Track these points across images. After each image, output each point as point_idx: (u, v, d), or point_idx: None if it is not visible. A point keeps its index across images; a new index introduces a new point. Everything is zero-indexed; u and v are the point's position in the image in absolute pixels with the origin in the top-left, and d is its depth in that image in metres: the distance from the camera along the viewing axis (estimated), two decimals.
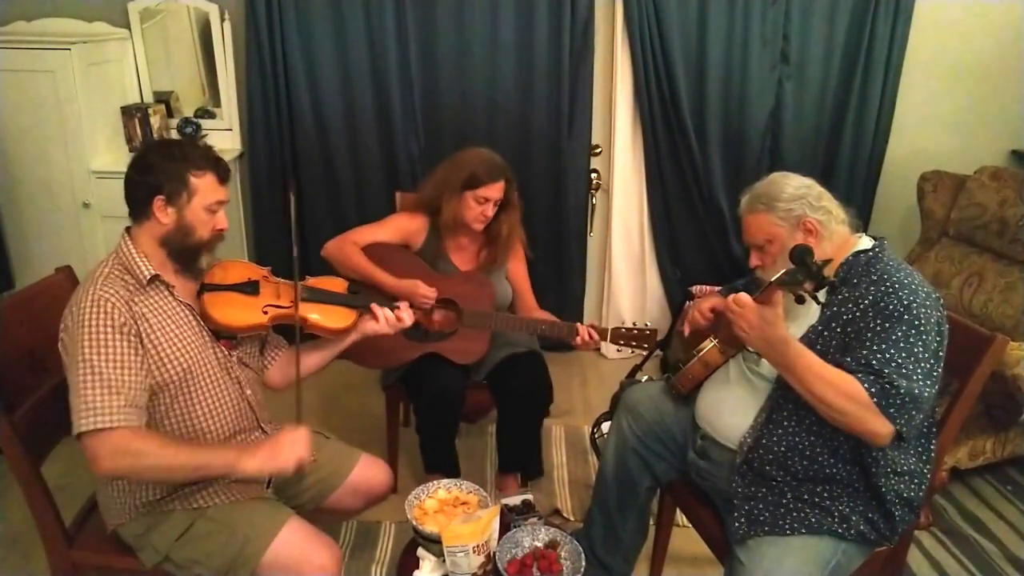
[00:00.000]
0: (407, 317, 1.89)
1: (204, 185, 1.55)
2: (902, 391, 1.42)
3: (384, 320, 1.84)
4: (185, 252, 1.58)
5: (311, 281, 1.83)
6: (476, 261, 2.43)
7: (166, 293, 1.59)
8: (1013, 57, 3.15)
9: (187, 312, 1.61)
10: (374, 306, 1.84)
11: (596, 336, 2.20)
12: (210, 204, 1.57)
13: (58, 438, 1.72)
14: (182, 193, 1.54)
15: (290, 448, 1.52)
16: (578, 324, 2.21)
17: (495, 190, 2.27)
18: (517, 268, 2.48)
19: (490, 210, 2.30)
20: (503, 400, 2.39)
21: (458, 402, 2.30)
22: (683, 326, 2.00)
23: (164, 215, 1.54)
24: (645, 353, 2.24)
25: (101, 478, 1.52)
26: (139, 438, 1.43)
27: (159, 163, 1.53)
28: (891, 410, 1.43)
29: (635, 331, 2.20)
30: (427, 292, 2.21)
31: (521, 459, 2.50)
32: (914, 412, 1.46)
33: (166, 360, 1.53)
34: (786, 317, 1.47)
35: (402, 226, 2.39)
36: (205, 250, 1.61)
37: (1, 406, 1.54)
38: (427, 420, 2.37)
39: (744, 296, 1.43)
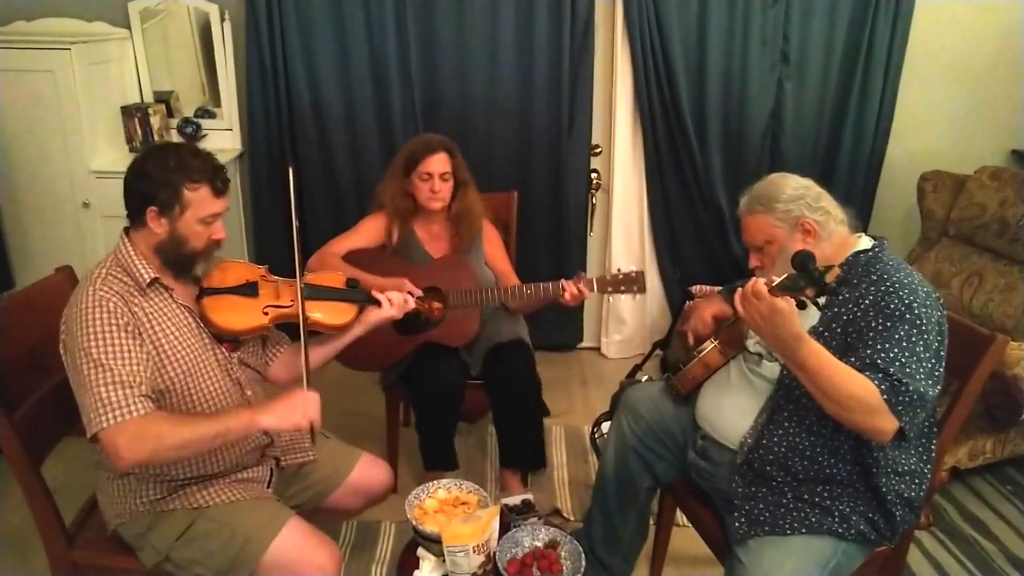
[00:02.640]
0: (411, 301, 1.89)
1: (198, 198, 1.53)
2: (910, 388, 1.42)
3: (387, 302, 1.83)
4: (179, 261, 1.58)
5: (310, 278, 1.82)
6: (450, 247, 2.44)
7: (166, 296, 1.59)
8: (1013, 57, 3.15)
9: (187, 315, 1.61)
10: (375, 292, 1.84)
11: (583, 289, 2.17)
12: (204, 217, 1.55)
13: (58, 438, 1.72)
14: (175, 205, 1.52)
15: (304, 406, 1.53)
16: (563, 280, 2.18)
17: (435, 162, 2.29)
18: (494, 251, 2.49)
19: (437, 185, 2.31)
20: (493, 392, 2.39)
21: (458, 395, 2.31)
22: (683, 326, 2.00)
23: (157, 225, 1.54)
24: (636, 297, 2.20)
25: (125, 470, 1.50)
26: (153, 422, 1.43)
27: (154, 172, 1.52)
28: (899, 407, 1.43)
29: (621, 275, 2.16)
30: (412, 288, 2.14)
31: (520, 453, 2.49)
32: (919, 410, 1.46)
33: (167, 363, 1.54)
34: None
35: (373, 228, 2.41)
36: (200, 259, 1.60)
37: (1, 406, 1.54)
38: (427, 415, 2.37)
39: (761, 287, 1.41)
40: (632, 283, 2.16)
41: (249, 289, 1.70)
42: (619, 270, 2.19)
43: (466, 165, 2.40)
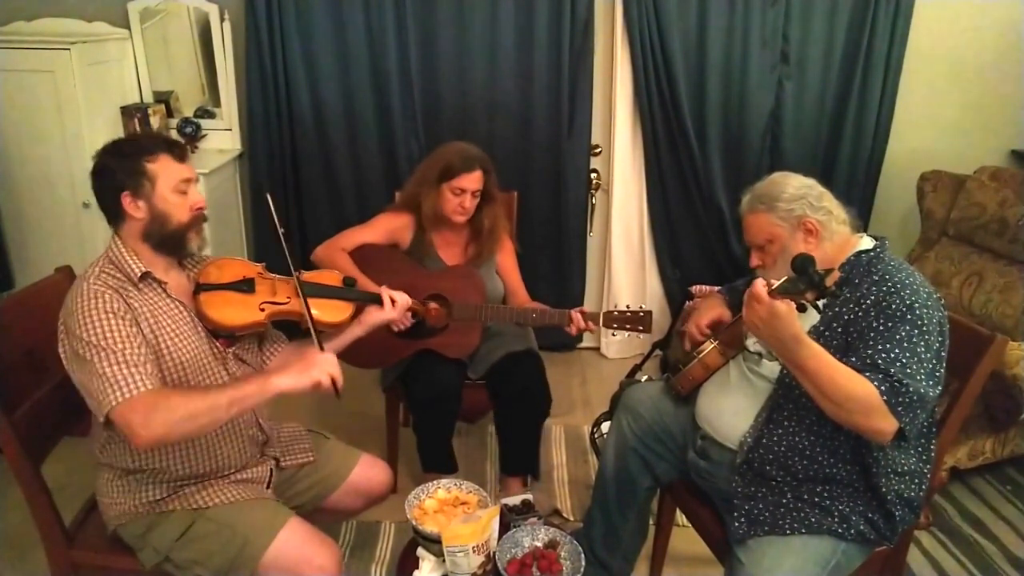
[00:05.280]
0: (408, 301, 1.90)
1: (162, 168, 1.55)
2: (910, 389, 1.43)
3: (389, 303, 1.83)
4: (169, 240, 1.58)
5: (307, 276, 1.82)
6: (464, 256, 2.43)
7: (159, 290, 1.58)
8: (1013, 57, 3.15)
9: (180, 309, 1.60)
10: (383, 290, 1.84)
11: (589, 322, 2.18)
12: (175, 184, 1.56)
13: (58, 438, 1.72)
14: (143, 183, 1.54)
15: (321, 365, 1.50)
16: (570, 310, 2.19)
17: (471, 180, 2.27)
18: (507, 262, 2.48)
19: (468, 201, 2.29)
20: (500, 401, 2.39)
21: (455, 400, 2.30)
22: (683, 327, 1.99)
23: (136, 210, 1.54)
24: (641, 336, 2.21)
25: (143, 448, 1.49)
26: (163, 395, 1.43)
27: (113, 163, 1.54)
28: (899, 408, 1.43)
29: (628, 314, 2.16)
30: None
31: (523, 460, 2.50)
32: (919, 411, 1.46)
33: (162, 357, 1.53)
34: None
35: (389, 226, 2.39)
36: (190, 232, 1.60)
37: (1, 406, 1.54)
38: (424, 418, 2.37)
39: (761, 290, 1.41)
40: (638, 322, 2.16)
41: (246, 285, 1.70)
42: (627, 307, 2.19)
43: (497, 181, 2.39)
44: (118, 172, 1.53)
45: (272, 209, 1.70)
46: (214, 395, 1.46)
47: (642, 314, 2.16)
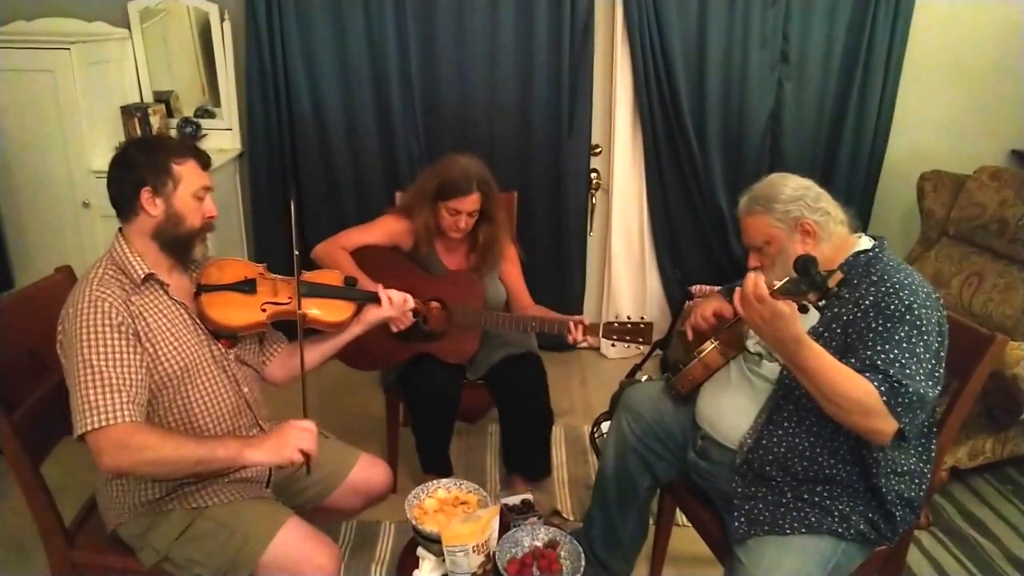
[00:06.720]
0: (410, 300, 1.89)
1: (187, 172, 1.57)
2: (910, 390, 1.43)
3: (388, 302, 1.84)
4: (178, 243, 1.59)
5: (308, 276, 1.82)
6: (467, 262, 2.42)
7: (161, 292, 1.59)
8: (1013, 57, 3.15)
9: (182, 311, 1.61)
10: (380, 289, 1.84)
11: (588, 336, 2.16)
12: (196, 190, 1.58)
13: (58, 438, 1.72)
14: (167, 182, 1.55)
15: (296, 439, 1.50)
16: (570, 320, 2.17)
17: (467, 203, 2.23)
18: (510, 269, 2.46)
19: (463, 221, 2.26)
20: (501, 402, 2.39)
21: (453, 402, 2.30)
22: (684, 326, 2.00)
23: (153, 207, 1.55)
24: (641, 348, 2.20)
25: (105, 474, 1.51)
26: (140, 432, 1.43)
27: (140, 157, 1.55)
28: (898, 409, 1.43)
29: (629, 325, 2.14)
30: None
31: (526, 460, 2.49)
32: (918, 411, 1.46)
33: (163, 359, 1.54)
34: None
35: (390, 228, 2.38)
36: (197, 239, 1.61)
37: (1, 406, 1.54)
38: (422, 420, 2.37)
39: (763, 290, 1.40)
40: (639, 334, 2.13)
41: (247, 286, 1.70)
42: (628, 318, 2.17)
43: (498, 200, 2.34)
44: (143, 167, 1.54)
45: (293, 218, 1.69)
46: (188, 447, 1.45)
47: (643, 326, 2.13)
